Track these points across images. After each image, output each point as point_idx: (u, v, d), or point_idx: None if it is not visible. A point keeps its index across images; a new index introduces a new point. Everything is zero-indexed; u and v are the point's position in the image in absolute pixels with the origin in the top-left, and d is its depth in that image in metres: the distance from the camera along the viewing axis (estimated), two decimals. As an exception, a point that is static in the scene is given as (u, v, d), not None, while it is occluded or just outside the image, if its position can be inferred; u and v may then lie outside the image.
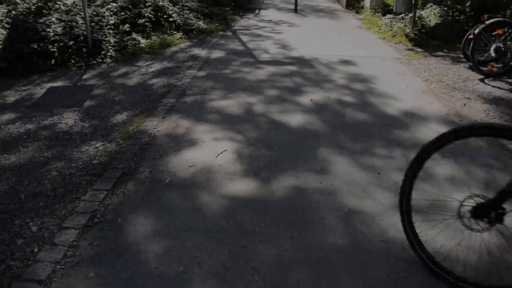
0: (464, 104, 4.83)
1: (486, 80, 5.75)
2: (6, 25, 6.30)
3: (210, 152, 3.54)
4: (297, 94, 5.01)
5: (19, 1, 7.28)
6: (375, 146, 3.70)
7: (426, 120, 4.30)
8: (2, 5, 7.47)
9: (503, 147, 3.66)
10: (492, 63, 5.96)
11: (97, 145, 3.74)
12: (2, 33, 6.11)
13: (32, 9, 6.96)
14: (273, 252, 2.37)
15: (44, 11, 7.04)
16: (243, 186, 3.02)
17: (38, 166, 3.41)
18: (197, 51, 7.10)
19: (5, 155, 3.60)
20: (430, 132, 3.99)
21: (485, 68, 5.92)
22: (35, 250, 2.41)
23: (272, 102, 4.72)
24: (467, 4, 8.73)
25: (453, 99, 4.99)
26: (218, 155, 3.49)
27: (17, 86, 5.45)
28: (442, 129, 4.07)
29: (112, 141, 3.81)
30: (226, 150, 3.58)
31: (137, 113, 4.44)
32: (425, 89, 5.31)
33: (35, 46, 6.08)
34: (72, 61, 6.25)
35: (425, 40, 7.93)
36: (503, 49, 5.78)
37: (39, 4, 7.21)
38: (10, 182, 3.17)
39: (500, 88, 5.44)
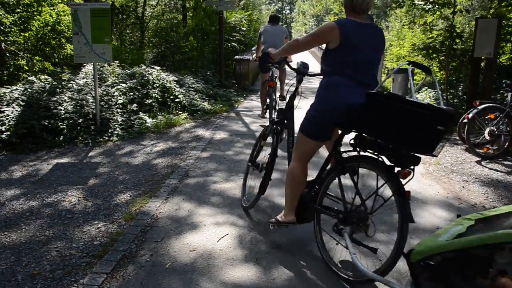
0: (463, 187, 4.90)
1: (483, 162, 5.87)
2: (21, 102, 6.59)
3: (212, 236, 3.56)
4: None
5: (35, 80, 7.68)
6: (377, 231, 3.71)
7: (426, 204, 4.35)
8: (20, 83, 7.88)
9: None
10: (487, 146, 6.15)
11: (99, 225, 3.76)
12: (17, 110, 6.37)
13: (47, 88, 7.31)
14: None
15: (58, 89, 7.40)
16: (244, 273, 3.01)
17: (39, 245, 3.42)
18: (201, 131, 7.33)
19: (6, 233, 3.62)
20: (431, 216, 4.04)
21: (481, 151, 6.09)
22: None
23: (274, 185, 4.78)
24: (459, 88, 9.20)
25: (452, 182, 5.07)
26: (220, 239, 3.50)
27: (24, 161, 5.58)
28: (442, 213, 4.13)
29: (114, 222, 3.84)
30: (227, 234, 3.60)
31: (140, 193, 4.51)
32: (424, 172, 5.41)
33: (46, 123, 6.33)
34: (80, 138, 6.45)
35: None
36: (496, 132, 6.01)
37: (54, 83, 7.60)
38: (9, 261, 3.16)
39: (497, 171, 5.55)
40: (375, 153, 2.80)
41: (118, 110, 7.43)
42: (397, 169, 2.68)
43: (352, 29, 2.88)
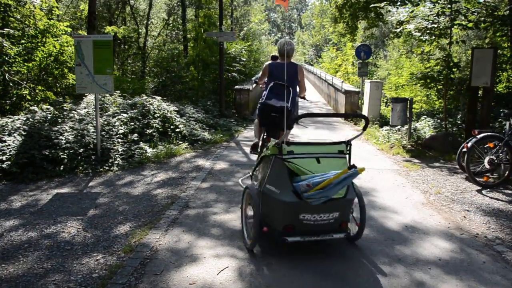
0: (464, 217, 4.88)
1: (483, 191, 5.85)
2: (22, 132, 6.64)
3: (212, 269, 3.52)
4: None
5: (37, 110, 7.75)
6: (378, 263, 3.68)
7: (428, 235, 4.32)
8: (22, 113, 7.95)
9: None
10: (487, 175, 6.15)
11: (98, 258, 3.73)
12: (18, 140, 6.41)
13: (49, 118, 7.37)
14: None
15: (59, 119, 7.45)
16: (244, 308, 2.96)
17: (36, 278, 3.38)
18: (201, 161, 7.34)
19: (3, 265, 3.58)
20: (432, 247, 4.01)
21: (481, 179, 6.09)
22: None
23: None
24: (458, 117, 9.27)
25: (453, 212, 5.05)
26: (220, 272, 3.47)
27: (24, 191, 5.57)
28: (444, 243, 4.10)
29: (114, 254, 3.80)
30: (227, 267, 3.56)
31: (140, 224, 4.49)
32: (424, 201, 5.40)
33: (47, 153, 6.35)
34: (80, 167, 6.46)
35: (422, 151, 8.21)
36: (496, 161, 6.02)
37: (55, 113, 7.66)
38: (6, 295, 3.12)
39: (498, 200, 5.52)
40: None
41: (119, 140, 7.47)
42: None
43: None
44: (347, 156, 3.89)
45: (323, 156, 3.70)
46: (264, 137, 5.37)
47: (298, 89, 5.64)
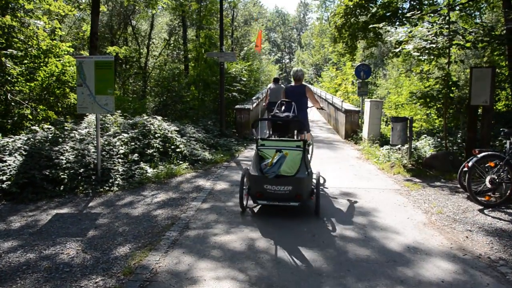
0: (467, 237, 4.83)
1: (485, 211, 5.81)
2: (23, 152, 6.64)
3: (212, 291, 3.48)
4: (299, 228, 5.05)
5: (38, 129, 7.77)
6: (379, 285, 3.64)
7: (430, 256, 4.27)
8: (23, 132, 7.98)
9: None
10: (489, 194, 6.11)
11: (97, 280, 3.68)
12: (18, 160, 6.41)
13: (50, 137, 7.38)
14: None
15: (60, 139, 7.47)
16: (245, 332, 2.91)
17: (34, 301, 3.33)
18: (202, 182, 7.32)
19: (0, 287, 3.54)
20: (435, 268, 3.96)
21: (483, 199, 6.06)
22: None
23: (274, 238, 4.74)
24: (458, 135, 9.27)
25: (455, 232, 5.00)
26: (220, 295, 3.43)
27: (24, 212, 5.55)
28: (446, 265, 4.06)
29: (113, 276, 3.76)
30: (228, 289, 3.52)
31: (140, 246, 4.45)
32: (426, 221, 5.35)
33: (47, 173, 6.34)
34: (81, 188, 6.44)
35: (422, 170, 8.18)
36: (497, 180, 5.99)
37: (56, 132, 7.68)
38: (3, 319, 3.08)
39: (500, 219, 5.48)
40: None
41: (119, 160, 7.46)
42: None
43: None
44: (303, 150, 5.45)
45: (284, 148, 5.39)
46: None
47: (309, 103, 7.34)
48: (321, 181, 7.37)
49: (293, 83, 7.50)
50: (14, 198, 5.96)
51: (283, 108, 6.43)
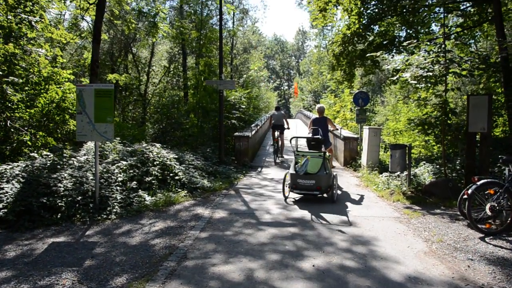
0: (468, 266, 4.76)
1: (486, 239, 5.74)
2: (21, 179, 6.61)
3: (209, 324, 3.40)
4: (299, 258, 4.96)
5: (37, 156, 7.75)
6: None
7: (431, 286, 4.20)
8: (22, 159, 7.95)
9: None
10: (489, 221, 6.06)
11: (92, 312, 3.60)
12: (16, 187, 6.37)
13: (48, 164, 7.35)
14: None
15: (58, 166, 7.44)
16: None
17: (28, 335, 3.25)
18: (200, 210, 7.26)
19: (-6, 321, 3.45)
20: (436, 306, 3.89)
21: (483, 226, 6.00)
22: None
23: (274, 267, 4.66)
24: (457, 162, 9.26)
25: (456, 261, 4.93)
26: (218, 328, 3.35)
27: (19, 240, 5.48)
28: (448, 303, 3.97)
29: (109, 308, 3.68)
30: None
31: (137, 276, 4.37)
32: (426, 250, 5.28)
33: (44, 200, 6.30)
34: (78, 215, 6.39)
35: (422, 197, 8.13)
36: (497, 207, 5.95)
37: (55, 159, 7.66)
38: None
39: (502, 247, 5.40)
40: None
41: (118, 187, 7.42)
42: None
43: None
44: (323, 158, 8.09)
45: (311, 156, 8.11)
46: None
47: (330, 127, 10.54)
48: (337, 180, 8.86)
49: (317, 115, 10.72)
50: (10, 226, 5.90)
51: (312, 131, 9.71)
